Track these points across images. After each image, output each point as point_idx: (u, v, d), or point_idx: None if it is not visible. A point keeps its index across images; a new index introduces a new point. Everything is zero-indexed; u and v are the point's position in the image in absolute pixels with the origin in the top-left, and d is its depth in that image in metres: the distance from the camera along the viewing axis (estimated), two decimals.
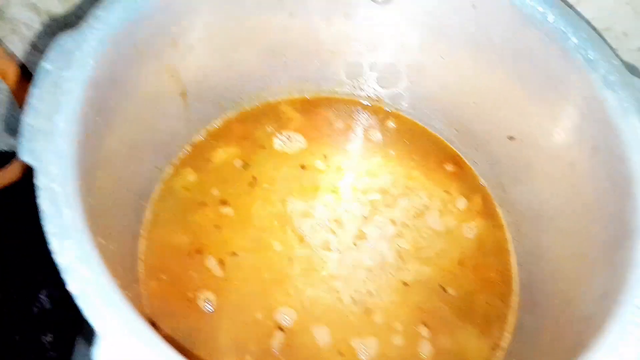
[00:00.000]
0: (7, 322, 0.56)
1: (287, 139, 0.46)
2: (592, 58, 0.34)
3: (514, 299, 0.42)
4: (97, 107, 0.29)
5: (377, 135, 0.48)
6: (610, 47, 0.35)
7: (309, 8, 0.42)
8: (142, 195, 0.40)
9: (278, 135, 0.46)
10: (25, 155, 0.25)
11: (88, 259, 0.23)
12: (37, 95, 0.26)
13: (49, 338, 0.55)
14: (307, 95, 0.49)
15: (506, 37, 0.39)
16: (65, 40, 0.28)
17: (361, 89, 0.50)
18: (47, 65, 0.27)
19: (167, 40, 0.35)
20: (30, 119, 0.26)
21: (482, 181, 0.47)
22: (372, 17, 0.43)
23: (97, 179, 0.31)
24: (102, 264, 0.24)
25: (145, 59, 0.34)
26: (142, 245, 0.39)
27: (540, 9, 0.35)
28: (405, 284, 0.41)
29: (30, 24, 0.48)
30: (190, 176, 0.43)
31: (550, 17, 0.35)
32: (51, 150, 0.25)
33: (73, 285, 0.23)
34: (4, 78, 0.51)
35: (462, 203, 0.45)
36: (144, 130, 0.38)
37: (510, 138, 0.43)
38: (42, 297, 0.59)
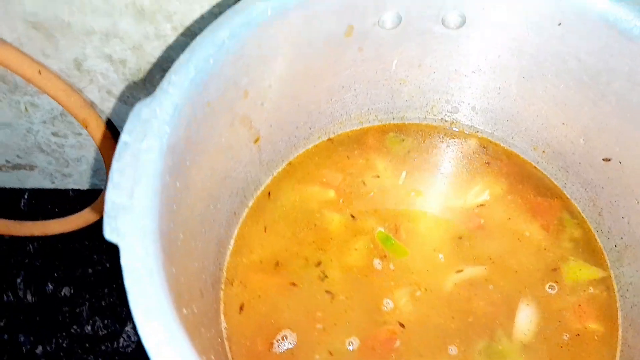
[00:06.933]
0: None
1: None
2: None
3: None
4: (175, 172, 0.29)
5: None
6: None
7: (377, 40, 0.40)
8: (221, 243, 0.40)
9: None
10: (109, 234, 0.24)
11: (174, 342, 0.23)
12: (118, 169, 0.26)
13: None
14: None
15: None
16: (142, 109, 0.28)
17: (434, 115, 0.48)
18: (126, 138, 0.27)
19: (239, 92, 0.34)
20: (112, 195, 0.25)
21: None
22: (447, 41, 0.41)
23: (178, 242, 0.31)
24: (189, 345, 0.23)
25: (218, 114, 0.33)
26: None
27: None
28: None
29: (106, 73, 0.50)
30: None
31: None
32: (134, 228, 0.25)
33: None
34: (86, 126, 0.53)
35: None
36: (220, 180, 0.37)
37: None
38: (129, 329, 0.61)
